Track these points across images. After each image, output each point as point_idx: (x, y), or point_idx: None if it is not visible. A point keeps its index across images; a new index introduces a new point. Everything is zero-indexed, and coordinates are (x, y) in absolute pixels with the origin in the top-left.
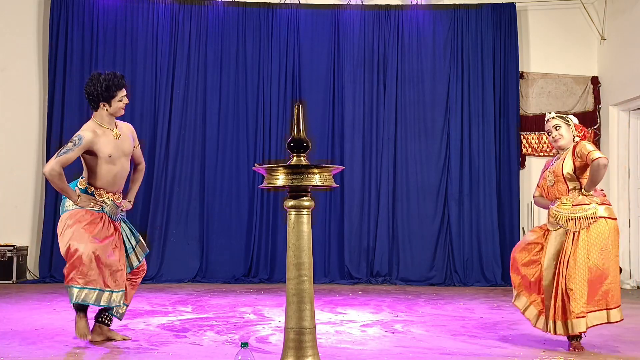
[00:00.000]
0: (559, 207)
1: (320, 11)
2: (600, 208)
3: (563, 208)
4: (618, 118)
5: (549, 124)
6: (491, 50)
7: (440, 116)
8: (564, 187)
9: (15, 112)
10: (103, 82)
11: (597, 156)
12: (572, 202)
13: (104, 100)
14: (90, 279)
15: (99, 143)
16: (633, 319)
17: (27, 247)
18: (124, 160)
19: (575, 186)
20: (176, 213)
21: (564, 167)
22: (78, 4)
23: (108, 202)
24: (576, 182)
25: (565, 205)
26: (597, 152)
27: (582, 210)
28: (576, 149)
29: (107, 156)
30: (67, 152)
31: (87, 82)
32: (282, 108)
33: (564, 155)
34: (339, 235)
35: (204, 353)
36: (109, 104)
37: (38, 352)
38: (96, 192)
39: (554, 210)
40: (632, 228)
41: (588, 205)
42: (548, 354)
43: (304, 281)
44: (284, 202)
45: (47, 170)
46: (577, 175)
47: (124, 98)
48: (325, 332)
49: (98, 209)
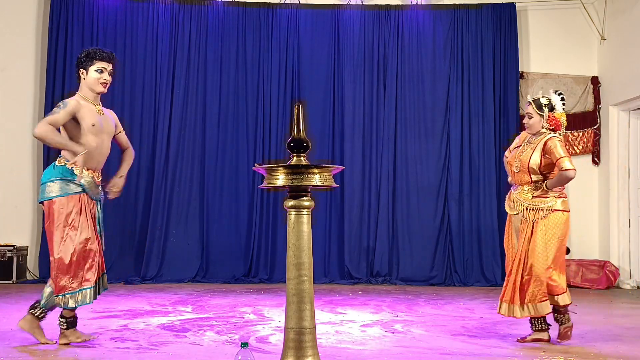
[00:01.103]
0: (520, 194)
1: (320, 11)
2: (558, 201)
3: (523, 197)
4: (618, 118)
5: (526, 108)
6: (491, 50)
7: (440, 116)
8: (527, 178)
9: (15, 112)
10: (89, 49)
11: (567, 167)
12: (532, 194)
13: (82, 66)
14: (83, 279)
15: (82, 111)
16: (633, 318)
17: (27, 247)
18: (106, 137)
19: (538, 179)
20: (176, 213)
21: (531, 160)
22: (78, 4)
23: (87, 178)
24: (539, 175)
25: (526, 195)
26: (568, 161)
27: (541, 203)
28: (547, 145)
29: (91, 125)
30: (52, 114)
31: None
32: (282, 108)
33: (534, 144)
34: (339, 235)
35: (204, 353)
36: (86, 72)
37: (38, 352)
38: (75, 168)
39: (514, 196)
40: (632, 228)
41: (547, 198)
42: (548, 354)
43: (304, 281)
44: (284, 202)
45: (38, 130)
46: (542, 170)
47: (104, 71)
48: (325, 332)
49: (78, 191)
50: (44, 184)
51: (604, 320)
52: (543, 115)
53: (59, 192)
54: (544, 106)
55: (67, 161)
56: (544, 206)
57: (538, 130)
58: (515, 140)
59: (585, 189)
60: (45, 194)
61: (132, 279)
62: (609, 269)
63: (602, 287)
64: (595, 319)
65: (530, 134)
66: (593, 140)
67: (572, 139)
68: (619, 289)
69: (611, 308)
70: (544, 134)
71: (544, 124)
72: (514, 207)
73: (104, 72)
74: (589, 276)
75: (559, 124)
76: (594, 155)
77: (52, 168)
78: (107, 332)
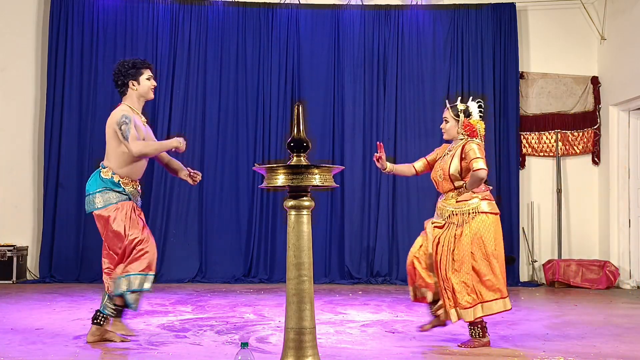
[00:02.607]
0: (445, 201)
1: (320, 11)
2: (482, 203)
3: (448, 203)
4: (618, 118)
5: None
6: (491, 50)
7: (440, 116)
8: (450, 185)
9: (15, 112)
10: (130, 61)
11: (478, 167)
12: (456, 198)
13: (132, 77)
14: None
15: (135, 123)
16: (633, 318)
17: (27, 247)
18: None
19: (460, 185)
20: (176, 213)
21: (451, 166)
22: (78, 4)
23: (130, 189)
24: (461, 181)
25: (450, 201)
26: (480, 161)
27: (465, 206)
28: (465, 149)
29: (141, 139)
30: (128, 131)
31: (114, 68)
32: (282, 108)
33: (453, 151)
34: (339, 235)
35: (204, 353)
36: (137, 82)
37: (38, 352)
38: (122, 181)
39: (440, 204)
40: (632, 228)
41: (470, 200)
42: (548, 354)
43: (304, 281)
44: (284, 202)
45: (135, 150)
46: (463, 175)
47: (151, 78)
48: (325, 332)
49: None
50: (91, 195)
51: (604, 320)
52: (459, 121)
53: (106, 202)
54: (460, 112)
55: (114, 173)
56: (468, 208)
57: (454, 136)
58: (435, 151)
59: (585, 189)
60: (93, 205)
61: None
62: (609, 269)
63: (602, 287)
64: (595, 319)
65: (446, 139)
66: (593, 140)
67: (572, 139)
68: (619, 289)
69: (611, 308)
70: (462, 140)
71: (459, 129)
72: (440, 215)
73: (151, 79)
74: (589, 276)
75: (475, 131)
76: (594, 155)
77: (98, 179)
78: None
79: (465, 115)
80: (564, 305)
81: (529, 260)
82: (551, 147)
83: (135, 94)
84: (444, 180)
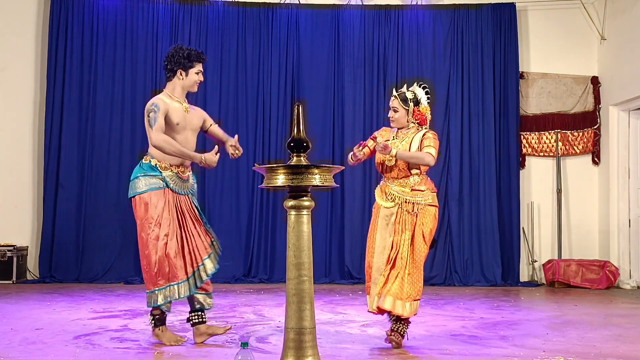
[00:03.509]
0: (400, 187)
1: (320, 11)
2: (431, 195)
3: (404, 191)
4: (618, 118)
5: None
6: (491, 50)
7: (440, 116)
8: (405, 173)
9: (15, 112)
10: (186, 50)
11: (430, 152)
12: (411, 187)
13: (182, 67)
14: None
15: (170, 110)
16: (633, 318)
17: (27, 247)
18: (190, 134)
19: (417, 172)
20: None
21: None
22: (78, 4)
23: (168, 173)
24: (417, 169)
25: (405, 188)
26: (433, 150)
27: (420, 196)
28: (426, 135)
29: (175, 124)
30: (155, 120)
31: (169, 51)
32: (282, 108)
33: (409, 138)
34: (339, 235)
35: (204, 353)
36: (186, 73)
37: (38, 352)
38: (159, 165)
39: (393, 189)
40: (632, 228)
41: (423, 192)
42: (548, 354)
43: (304, 281)
44: (284, 202)
45: (154, 140)
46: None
47: (200, 73)
48: (325, 332)
49: (161, 186)
50: (132, 181)
51: (604, 320)
52: (408, 110)
53: (144, 187)
54: (409, 100)
55: (152, 158)
56: (422, 200)
57: (404, 125)
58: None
59: (585, 189)
60: (133, 190)
61: (132, 279)
62: (609, 269)
63: (602, 287)
64: (595, 319)
65: (396, 128)
66: (593, 140)
67: (572, 139)
68: (619, 289)
69: (611, 308)
70: (414, 127)
71: (410, 117)
72: (391, 199)
73: (199, 74)
74: (589, 276)
75: (424, 119)
76: (594, 155)
77: (139, 165)
78: (107, 332)
79: (414, 104)
80: (564, 305)
81: (529, 260)
82: (551, 147)
83: (180, 84)
84: (397, 167)
